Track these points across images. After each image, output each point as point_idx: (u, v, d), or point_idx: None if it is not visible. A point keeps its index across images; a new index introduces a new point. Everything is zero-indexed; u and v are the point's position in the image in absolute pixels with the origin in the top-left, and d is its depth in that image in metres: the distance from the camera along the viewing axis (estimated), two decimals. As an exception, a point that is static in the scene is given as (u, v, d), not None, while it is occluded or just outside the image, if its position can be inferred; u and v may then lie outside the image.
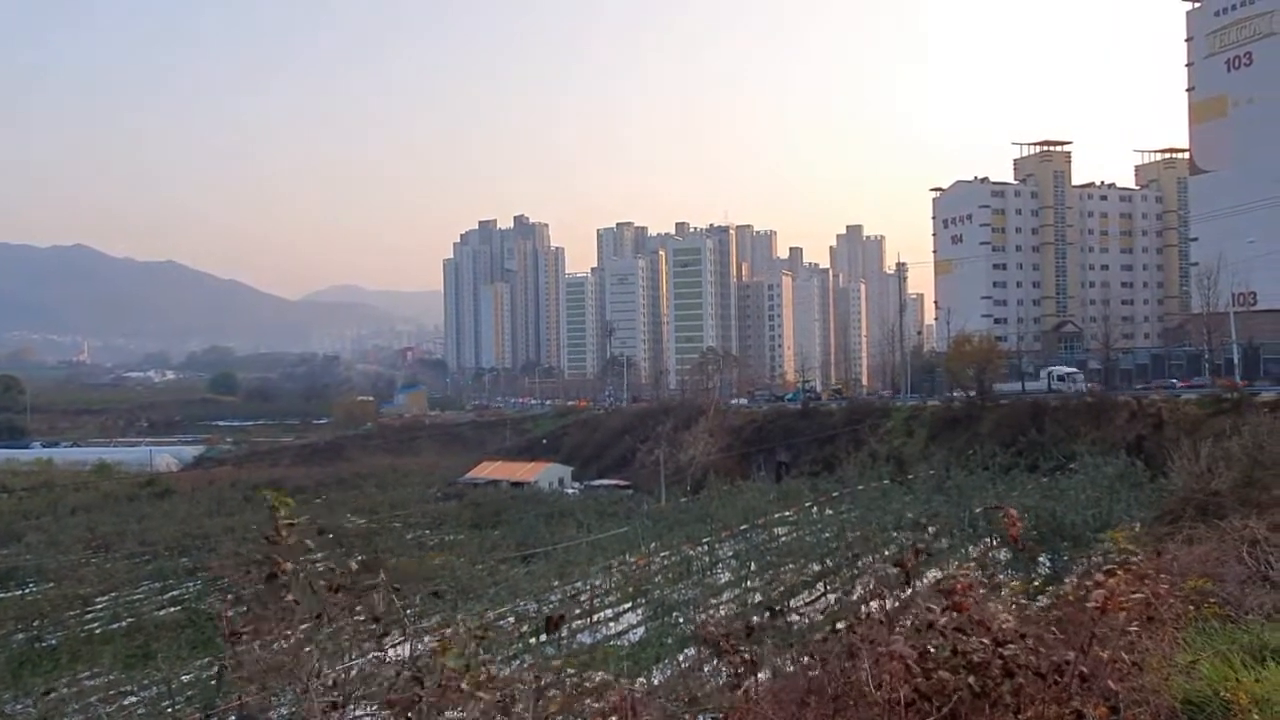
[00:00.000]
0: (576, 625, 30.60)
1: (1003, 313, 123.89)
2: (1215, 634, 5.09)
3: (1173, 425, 47.56)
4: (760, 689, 3.53)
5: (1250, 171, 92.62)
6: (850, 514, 43.98)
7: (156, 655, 28.41)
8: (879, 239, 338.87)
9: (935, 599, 3.22)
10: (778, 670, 4.98)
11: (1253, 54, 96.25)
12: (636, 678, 19.68)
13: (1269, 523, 8.21)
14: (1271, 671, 4.30)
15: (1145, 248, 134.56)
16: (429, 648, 3.83)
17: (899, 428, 67.10)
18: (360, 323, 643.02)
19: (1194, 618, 5.44)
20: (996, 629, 3.09)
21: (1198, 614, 5.55)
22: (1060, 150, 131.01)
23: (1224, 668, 4.36)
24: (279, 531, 3.59)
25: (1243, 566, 7.22)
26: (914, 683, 2.96)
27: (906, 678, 2.95)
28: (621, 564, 39.67)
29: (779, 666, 4.72)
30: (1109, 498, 35.82)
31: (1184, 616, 5.03)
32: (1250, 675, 4.27)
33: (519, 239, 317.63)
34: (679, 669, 16.64)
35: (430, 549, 49.44)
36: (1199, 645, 4.79)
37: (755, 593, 31.09)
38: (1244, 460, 16.69)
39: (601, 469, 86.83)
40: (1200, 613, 5.61)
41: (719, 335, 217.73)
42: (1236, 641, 4.83)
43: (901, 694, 2.91)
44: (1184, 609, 4.92)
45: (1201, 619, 5.47)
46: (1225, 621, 5.47)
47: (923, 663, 3.01)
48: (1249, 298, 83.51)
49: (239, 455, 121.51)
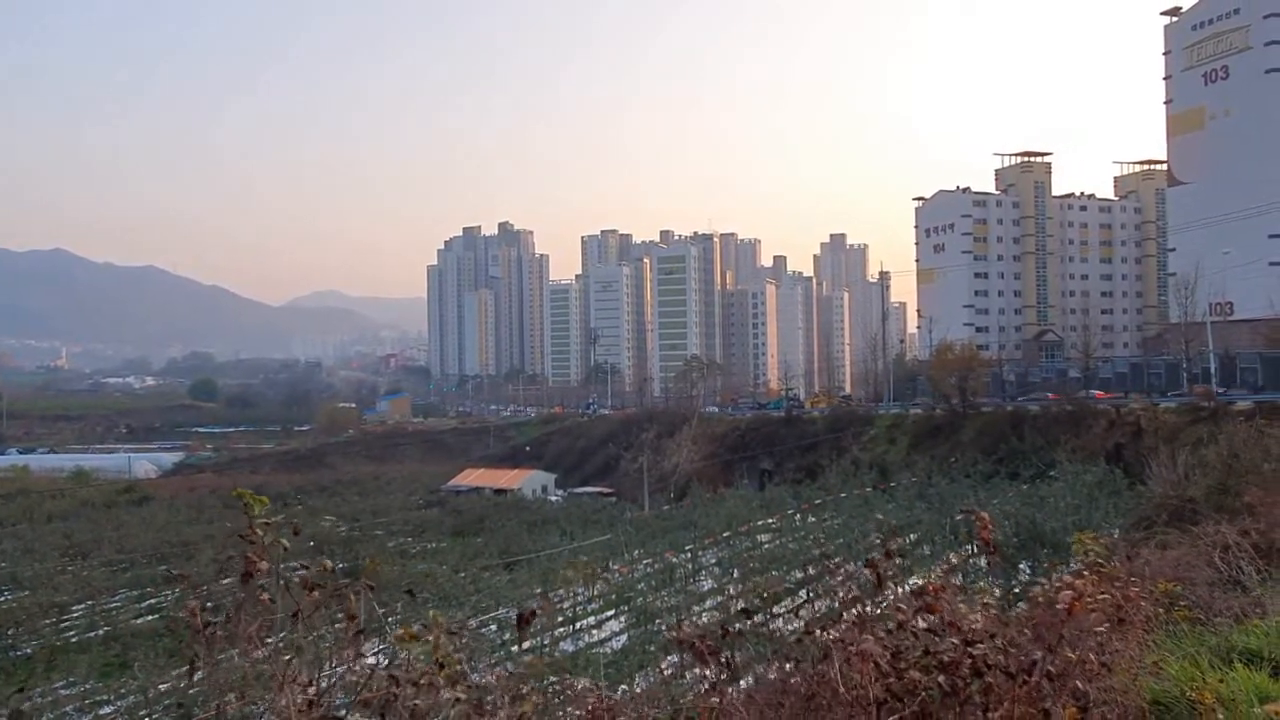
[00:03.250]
0: (559, 633, 30.55)
1: (984, 321, 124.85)
2: (1184, 636, 5.18)
3: (1151, 433, 48.07)
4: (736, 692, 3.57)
5: (1226, 183, 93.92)
6: (833, 522, 44.14)
7: (133, 664, 28.07)
8: (863, 248, 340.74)
9: (908, 601, 3.27)
10: (759, 675, 5.01)
11: (1229, 68, 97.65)
12: (619, 685, 19.67)
13: (1240, 528, 8.35)
14: (1238, 672, 4.39)
15: (1124, 258, 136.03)
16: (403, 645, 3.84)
17: (881, 436, 67.43)
18: (343, 329, 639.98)
19: (1164, 620, 5.53)
20: (967, 629, 3.14)
21: (1168, 617, 5.64)
22: (1041, 161, 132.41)
23: (1191, 669, 4.44)
24: (254, 531, 3.59)
25: (1212, 571, 7.33)
26: (885, 682, 3.01)
27: (878, 676, 3.00)
28: (604, 571, 39.63)
29: (760, 672, 4.75)
30: (1088, 505, 36.16)
31: (1154, 619, 5.10)
32: (1216, 676, 4.35)
33: (504, 245, 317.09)
34: (661, 676, 16.62)
35: (412, 557, 49.21)
36: (1168, 647, 4.88)
37: (738, 600, 31.14)
38: (1218, 468, 16.92)
39: (585, 476, 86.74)
40: (1171, 615, 5.70)
41: (703, 343, 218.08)
42: (1205, 643, 4.91)
43: (873, 693, 2.95)
44: (1154, 612, 4.99)
45: (1172, 622, 5.56)
46: (1194, 624, 5.56)
47: (895, 662, 3.06)
48: (1226, 308, 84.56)
49: (219, 462, 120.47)
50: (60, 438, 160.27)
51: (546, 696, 5.12)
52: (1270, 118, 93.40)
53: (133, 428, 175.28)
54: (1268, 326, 77.17)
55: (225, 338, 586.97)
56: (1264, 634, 5.01)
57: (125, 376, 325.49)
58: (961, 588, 19.40)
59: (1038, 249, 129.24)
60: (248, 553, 3.43)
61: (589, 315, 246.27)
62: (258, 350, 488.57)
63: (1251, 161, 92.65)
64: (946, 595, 3.30)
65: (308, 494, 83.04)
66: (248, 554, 3.41)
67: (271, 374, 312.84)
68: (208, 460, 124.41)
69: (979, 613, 3.36)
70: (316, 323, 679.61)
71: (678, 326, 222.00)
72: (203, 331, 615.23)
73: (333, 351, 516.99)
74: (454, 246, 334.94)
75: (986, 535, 3.81)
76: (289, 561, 4.09)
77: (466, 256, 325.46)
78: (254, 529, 3.52)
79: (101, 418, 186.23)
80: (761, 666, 5.54)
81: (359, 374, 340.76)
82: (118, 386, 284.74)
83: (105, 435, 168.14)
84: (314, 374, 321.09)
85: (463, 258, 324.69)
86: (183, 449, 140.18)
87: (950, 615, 3.20)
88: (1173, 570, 7.09)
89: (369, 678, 3.39)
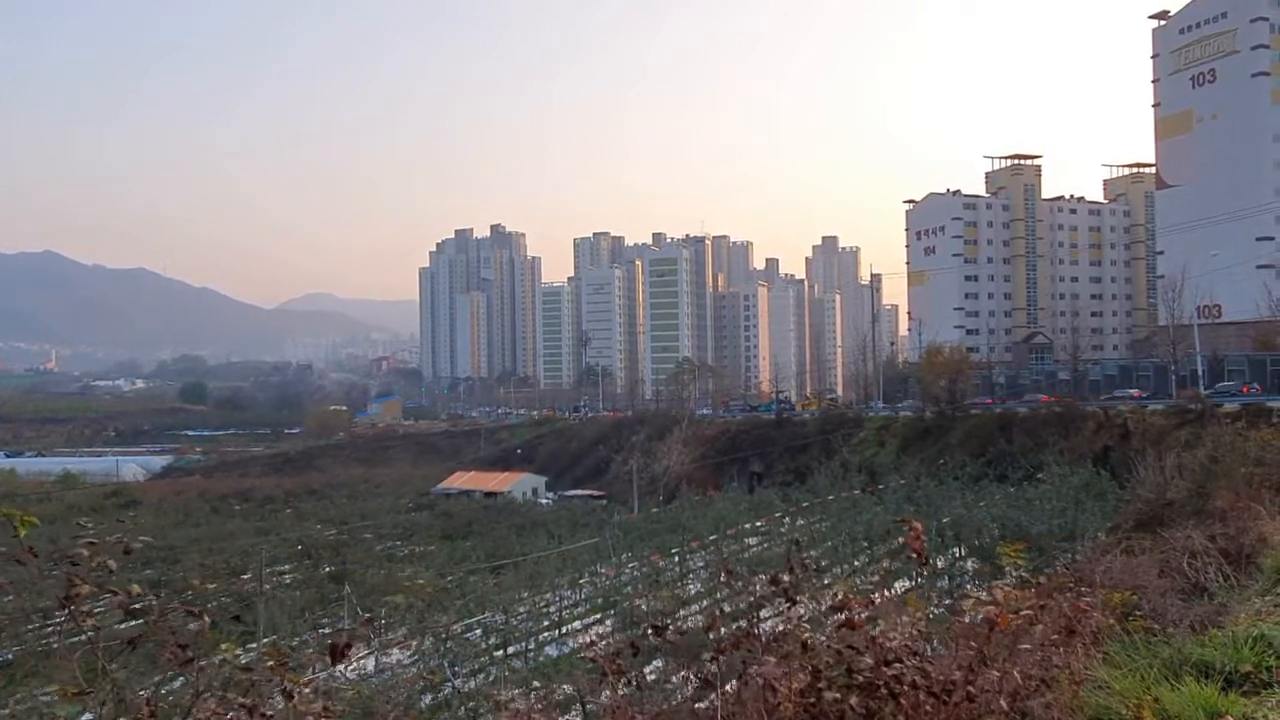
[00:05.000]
0: (544, 637, 30.40)
1: (974, 323, 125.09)
2: (1138, 649, 5.07)
3: (1139, 436, 48.10)
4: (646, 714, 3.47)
5: (1214, 186, 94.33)
6: (822, 524, 44.08)
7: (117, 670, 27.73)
8: (854, 250, 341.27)
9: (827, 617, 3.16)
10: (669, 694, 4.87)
11: (1216, 71, 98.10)
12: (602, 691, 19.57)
13: (1208, 533, 8.27)
14: (1187, 686, 4.29)
15: (1114, 260, 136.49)
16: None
17: (871, 438, 67.38)
18: (335, 331, 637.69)
19: (1118, 632, 5.43)
20: (885, 647, 3.03)
21: (1123, 627, 5.54)
22: (1031, 164, 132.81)
23: (1138, 683, 4.34)
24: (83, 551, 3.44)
25: (1176, 578, 7.24)
26: (803, 703, 2.90)
27: (795, 698, 2.89)
28: (592, 575, 39.49)
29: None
30: (1074, 508, 36.17)
31: (1106, 630, 5.00)
32: (1164, 689, 4.24)
33: (496, 248, 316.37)
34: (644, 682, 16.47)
35: (400, 560, 48.97)
36: (1119, 659, 4.78)
37: (724, 603, 31.01)
38: (1198, 471, 16.88)
39: (576, 479, 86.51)
40: (1126, 626, 5.60)
41: (695, 345, 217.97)
42: (1157, 655, 4.82)
43: (789, 716, 2.85)
44: (1106, 623, 4.90)
45: (1126, 632, 5.45)
46: (1150, 635, 5.46)
47: (815, 682, 2.95)
48: (1213, 310, 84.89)
49: (208, 465, 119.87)
50: (48, 440, 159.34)
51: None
52: (1257, 121, 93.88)
53: (121, 431, 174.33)
54: (1255, 328, 77.47)
55: (216, 340, 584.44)
56: (1219, 645, 4.91)
57: (115, 379, 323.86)
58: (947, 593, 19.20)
59: (1028, 251, 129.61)
60: (72, 575, 3.26)
61: (581, 317, 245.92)
62: (249, 353, 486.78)
63: (1239, 164, 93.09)
64: (874, 609, 3.20)
65: (297, 497, 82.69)
66: (71, 576, 3.25)
67: (262, 376, 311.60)
68: (197, 463, 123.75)
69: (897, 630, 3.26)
70: (308, 325, 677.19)
71: (670, 329, 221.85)
72: (193, 334, 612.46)
73: (324, 354, 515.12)
74: (446, 249, 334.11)
75: (918, 546, 3.70)
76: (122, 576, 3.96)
77: (458, 259, 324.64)
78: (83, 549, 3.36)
79: (90, 420, 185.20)
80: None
81: (350, 377, 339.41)
82: (107, 389, 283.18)
83: (94, 438, 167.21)
84: (305, 376, 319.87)
85: (455, 260, 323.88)
86: (172, 452, 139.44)
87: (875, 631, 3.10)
88: (1131, 578, 6.99)
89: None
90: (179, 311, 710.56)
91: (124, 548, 3.65)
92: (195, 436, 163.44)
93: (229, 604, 37.06)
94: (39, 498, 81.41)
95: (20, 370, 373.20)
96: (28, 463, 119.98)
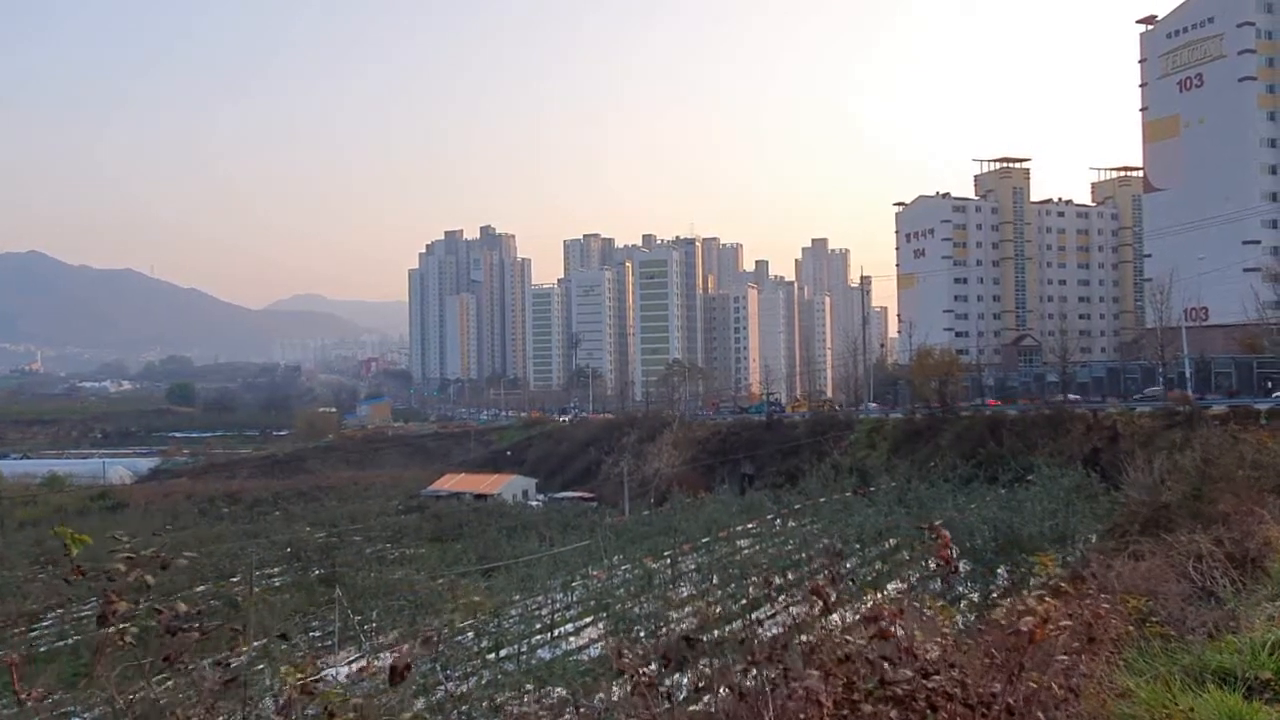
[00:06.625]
0: (536, 640, 30.26)
1: (964, 326, 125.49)
2: (1156, 655, 5.02)
3: (1128, 437, 48.37)
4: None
5: (1201, 190, 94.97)
6: (813, 526, 44.05)
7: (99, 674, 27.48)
8: (844, 252, 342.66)
9: (860, 626, 3.10)
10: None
11: (1203, 75, 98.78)
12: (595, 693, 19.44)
13: (1213, 537, 8.25)
14: (1211, 694, 4.24)
15: (1102, 263, 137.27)
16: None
17: (862, 440, 67.51)
18: (324, 333, 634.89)
19: (1136, 638, 5.37)
20: (923, 658, 2.97)
21: (1140, 634, 5.49)
22: (1019, 167, 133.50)
23: (1162, 691, 4.29)
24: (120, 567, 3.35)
25: (1184, 584, 7.21)
26: (838, 715, 2.83)
27: (831, 711, 2.82)
28: (583, 577, 39.33)
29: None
30: (1065, 510, 36.23)
31: (1125, 637, 4.95)
32: (1188, 699, 4.19)
33: (485, 250, 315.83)
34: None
35: (390, 563, 48.72)
36: (1140, 667, 4.73)
37: (716, 605, 30.95)
38: (1192, 474, 16.91)
39: (566, 481, 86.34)
40: (1143, 632, 5.54)
41: (685, 347, 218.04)
42: (1177, 663, 4.77)
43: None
44: (1125, 629, 4.84)
45: (1144, 639, 5.40)
46: (1167, 641, 5.41)
47: (848, 694, 2.88)
48: (1201, 313, 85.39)
49: (196, 467, 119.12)
50: (34, 443, 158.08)
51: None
52: (1244, 125, 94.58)
53: (108, 433, 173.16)
54: (1242, 331, 78.00)
55: (204, 341, 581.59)
56: (1237, 651, 4.86)
57: (101, 380, 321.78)
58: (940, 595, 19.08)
59: (1016, 254, 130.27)
60: (108, 591, 3.18)
61: (571, 319, 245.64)
62: (237, 354, 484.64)
63: (1226, 168, 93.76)
64: (904, 619, 3.13)
65: (286, 499, 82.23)
66: (108, 592, 3.17)
67: (250, 378, 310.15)
68: (184, 466, 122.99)
69: (936, 639, 3.18)
70: (297, 326, 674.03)
71: (659, 330, 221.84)
72: (181, 335, 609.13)
73: (313, 355, 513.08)
74: (435, 250, 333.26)
75: (945, 555, 3.64)
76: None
77: (448, 260, 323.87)
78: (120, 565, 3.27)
79: (77, 422, 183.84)
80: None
81: (339, 378, 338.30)
82: (94, 390, 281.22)
83: (80, 440, 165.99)
84: (293, 378, 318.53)
85: (444, 261, 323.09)
86: (159, 454, 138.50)
87: (906, 641, 3.03)
88: (1144, 583, 6.95)
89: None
90: (166, 312, 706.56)
91: (161, 562, 3.56)
92: (183, 438, 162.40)
93: (218, 607, 36.78)
94: (25, 500, 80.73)
95: (5, 371, 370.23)
96: (13, 465, 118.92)
